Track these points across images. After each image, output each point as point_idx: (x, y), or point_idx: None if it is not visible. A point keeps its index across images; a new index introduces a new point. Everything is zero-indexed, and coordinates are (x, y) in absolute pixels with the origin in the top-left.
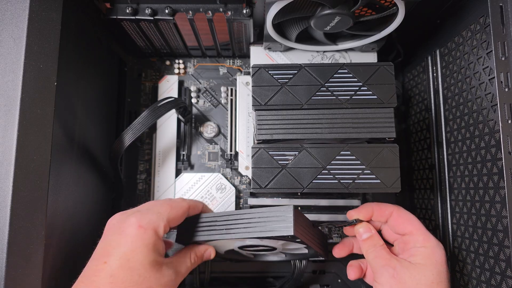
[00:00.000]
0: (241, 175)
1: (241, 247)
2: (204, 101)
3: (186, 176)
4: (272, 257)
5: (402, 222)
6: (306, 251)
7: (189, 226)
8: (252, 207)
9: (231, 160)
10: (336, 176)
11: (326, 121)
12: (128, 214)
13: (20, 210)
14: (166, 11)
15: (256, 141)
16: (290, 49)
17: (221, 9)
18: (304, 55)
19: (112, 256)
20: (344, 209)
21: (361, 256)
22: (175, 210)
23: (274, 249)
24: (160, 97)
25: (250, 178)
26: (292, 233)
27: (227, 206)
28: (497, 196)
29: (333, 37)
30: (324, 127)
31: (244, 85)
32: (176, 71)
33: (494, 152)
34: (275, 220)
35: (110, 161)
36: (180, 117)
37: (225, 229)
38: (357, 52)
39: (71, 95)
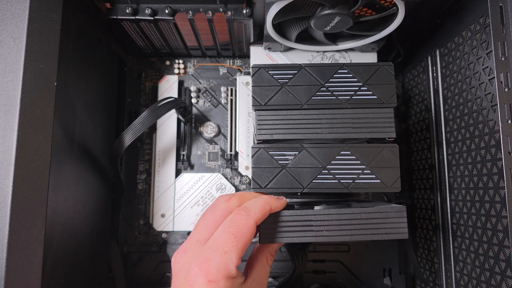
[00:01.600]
0: (241, 175)
1: None
2: (204, 101)
3: (186, 176)
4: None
5: None
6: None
7: (272, 225)
8: None
9: (231, 160)
10: (336, 176)
11: (326, 121)
12: (190, 259)
13: (20, 210)
14: (166, 11)
15: (256, 141)
16: (290, 49)
17: (221, 9)
18: (304, 55)
19: None
20: None
21: None
22: (243, 239)
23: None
24: (160, 97)
25: (250, 178)
26: (407, 236)
27: None
28: (497, 196)
29: (333, 37)
30: (324, 127)
31: (244, 85)
32: (176, 71)
33: (494, 152)
34: (389, 221)
35: (110, 161)
36: (180, 117)
37: (326, 230)
38: (357, 52)
39: (71, 95)
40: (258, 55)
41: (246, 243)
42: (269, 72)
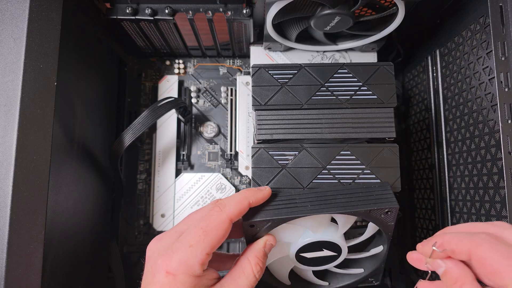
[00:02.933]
0: (241, 175)
1: (298, 254)
2: (204, 101)
3: (186, 176)
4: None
5: (486, 272)
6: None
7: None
8: None
9: (231, 160)
10: (336, 176)
11: (326, 121)
12: (160, 248)
13: (20, 210)
14: (166, 11)
15: (256, 141)
16: (290, 49)
17: (221, 9)
18: (304, 55)
19: None
20: None
21: None
22: (212, 234)
23: (337, 256)
24: (160, 97)
25: (250, 178)
26: (397, 204)
27: None
28: (497, 196)
29: (333, 37)
30: (324, 127)
31: (244, 85)
32: (176, 71)
33: (494, 152)
34: (375, 194)
35: (110, 161)
36: (180, 117)
37: (311, 204)
38: (357, 52)
39: (71, 95)
40: (258, 55)
41: (215, 239)
42: (269, 72)
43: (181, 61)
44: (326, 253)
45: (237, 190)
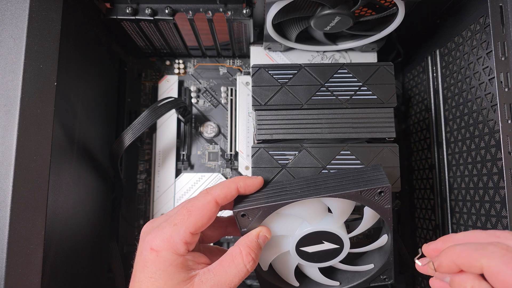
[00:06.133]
0: (241, 175)
1: (299, 248)
2: (204, 101)
3: (186, 176)
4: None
5: (500, 286)
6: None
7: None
8: None
9: (231, 160)
10: None
11: (326, 121)
12: (150, 229)
13: (20, 210)
14: (166, 11)
15: (256, 141)
16: (290, 49)
17: (221, 9)
18: (304, 55)
19: (137, 281)
20: None
21: None
22: (195, 214)
23: (339, 249)
24: (160, 97)
25: None
26: (389, 183)
27: None
28: (497, 196)
29: (333, 37)
30: (324, 127)
31: (244, 85)
32: (176, 71)
33: (494, 152)
34: (366, 176)
35: (110, 161)
36: (180, 117)
37: (301, 190)
38: (357, 52)
39: (71, 95)
40: (258, 55)
41: (199, 218)
42: (269, 72)
43: (181, 61)
44: (327, 245)
45: None
